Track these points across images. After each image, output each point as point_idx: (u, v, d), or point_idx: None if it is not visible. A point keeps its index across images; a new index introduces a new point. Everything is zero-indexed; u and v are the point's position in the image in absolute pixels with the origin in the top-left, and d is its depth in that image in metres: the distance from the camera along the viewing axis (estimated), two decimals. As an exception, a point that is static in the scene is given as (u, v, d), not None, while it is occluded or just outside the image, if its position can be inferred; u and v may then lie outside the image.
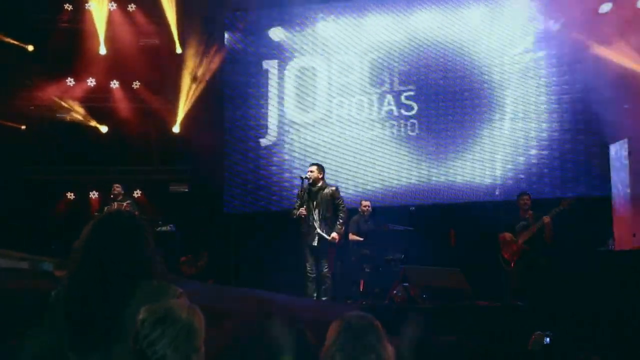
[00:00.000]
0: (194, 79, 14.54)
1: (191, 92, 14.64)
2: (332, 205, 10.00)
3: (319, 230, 9.89)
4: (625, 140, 10.33)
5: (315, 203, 9.96)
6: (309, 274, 9.98)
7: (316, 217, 9.92)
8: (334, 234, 9.92)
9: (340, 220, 10.00)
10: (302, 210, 9.91)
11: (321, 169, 10.24)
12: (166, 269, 3.26)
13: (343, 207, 10.10)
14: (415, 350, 3.55)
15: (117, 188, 12.53)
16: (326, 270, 9.97)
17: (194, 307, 2.69)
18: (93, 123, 14.81)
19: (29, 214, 14.05)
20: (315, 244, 9.92)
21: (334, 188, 10.16)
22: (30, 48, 14.46)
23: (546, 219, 10.28)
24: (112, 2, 14.94)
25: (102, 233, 3.13)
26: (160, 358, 2.52)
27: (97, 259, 3.05)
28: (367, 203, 11.99)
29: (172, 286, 3.05)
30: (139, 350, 2.56)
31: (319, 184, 10.05)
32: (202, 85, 14.66)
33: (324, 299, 9.79)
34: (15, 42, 14.24)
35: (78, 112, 14.68)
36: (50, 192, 14.66)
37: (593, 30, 12.04)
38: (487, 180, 12.77)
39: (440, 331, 6.51)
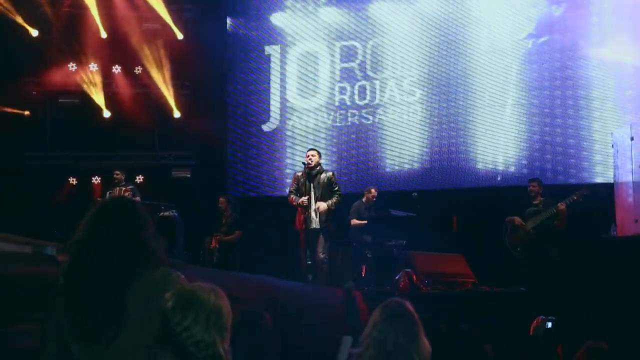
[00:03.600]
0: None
1: (165, 77, 14.65)
2: (329, 189, 10.07)
3: (313, 215, 9.93)
4: (628, 125, 10.32)
5: (312, 186, 10.02)
6: (307, 259, 10.03)
7: (313, 200, 9.98)
8: (321, 204, 9.92)
9: (334, 200, 10.03)
10: (305, 200, 9.93)
11: (319, 153, 10.36)
12: (167, 256, 3.25)
13: (339, 192, 10.22)
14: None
15: (118, 174, 12.52)
16: (323, 255, 10.01)
17: (217, 288, 2.74)
18: (102, 106, 14.78)
19: (32, 199, 14.05)
20: (312, 228, 9.95)
21: (330, 173, 10.29)
22: (35, 33, 14.40)
23: (561, 206, 10.12)
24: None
25: (102, 221, 3.11)
26: (197, 341, 2.59)
27: (96, 247, 3.04)
28: (375, 192, 11.93)
29: (174, 273, 3.04)
30: (174, 335, 2.61)
31: (317, 168, 10.14)
32: (167, 69, 14.70)
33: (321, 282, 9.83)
34: (24, 24, 14.19)
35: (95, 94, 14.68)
36: (52, 178, 14.65)
37: (594, 16, 12.02)
38: (489, 166, 12.76)
39: (443, 317, 6.53)
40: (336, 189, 10.20)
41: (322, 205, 9.95)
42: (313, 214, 9.97)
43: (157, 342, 2.66)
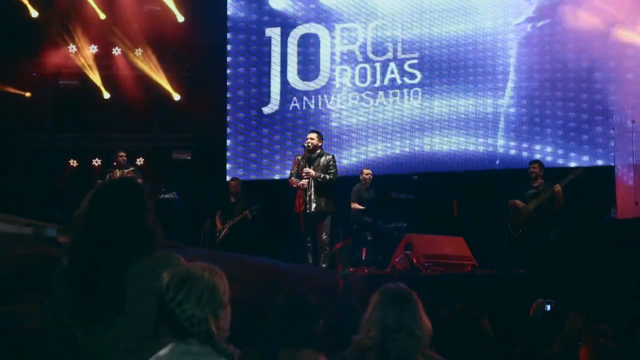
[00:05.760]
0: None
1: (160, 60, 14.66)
2: (325, 172, 9.97)
3: (313, 197, 9.90)
4: (630, 109, 10.32)
5: (312, 169, 9.98)
6: (307, 242, 10.05)
7: (312, 183, 9.94)
8: (310, 170, 9.89)
9: (326, 176, 9.92)
10: (304, 182, 9.92)
11: (320, 136, 10.32)
12: (166, 237, 3.25)
13: (334, 173, 10.04)
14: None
15: (123, 156, 12.53)
16: (325, 237, 10.00)
17: (214, 267, 2.77)
18: (102, 88, 14.75)
19: (32, 181, 14.06)
20: (310, 211, 9.94)
21: (330, 156, 10.21)
22: (35, 14, 14.35)
23: (557, 187, 10.22)
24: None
25: (103, 202, 3.11)
26: (189, 317, 2.62)
27: (97, 229, 3.04)
28: (369, 171, 11.98)
29: (172, 255, 3.06)
30: (168, 311, 2.65)
31: (318, 151, 10.10)
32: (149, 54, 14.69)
33: (323, 265, 9.83)
34: (26, 3, 14.14)
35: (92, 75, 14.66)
36: (53, 159, 14.65)
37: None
38: (489, 149, 12.74)
39: (442, 299, 6.54)
40: (332, 171, 10.08)
41: (312, 172, 9.86)
42: (313, 196, 9.93)
43: (156, 320, 2.70)
